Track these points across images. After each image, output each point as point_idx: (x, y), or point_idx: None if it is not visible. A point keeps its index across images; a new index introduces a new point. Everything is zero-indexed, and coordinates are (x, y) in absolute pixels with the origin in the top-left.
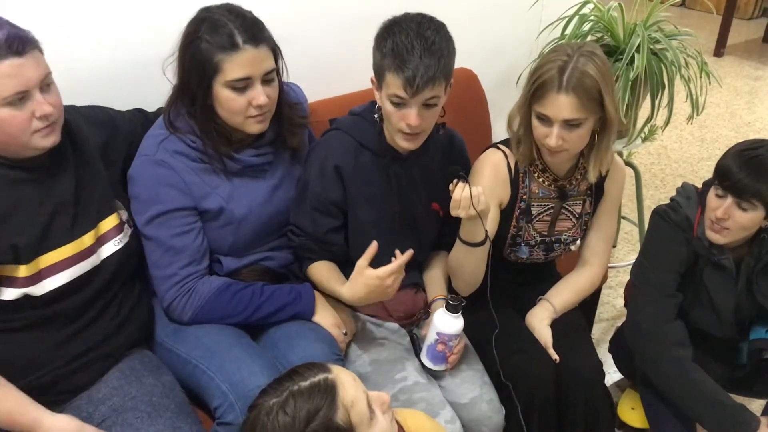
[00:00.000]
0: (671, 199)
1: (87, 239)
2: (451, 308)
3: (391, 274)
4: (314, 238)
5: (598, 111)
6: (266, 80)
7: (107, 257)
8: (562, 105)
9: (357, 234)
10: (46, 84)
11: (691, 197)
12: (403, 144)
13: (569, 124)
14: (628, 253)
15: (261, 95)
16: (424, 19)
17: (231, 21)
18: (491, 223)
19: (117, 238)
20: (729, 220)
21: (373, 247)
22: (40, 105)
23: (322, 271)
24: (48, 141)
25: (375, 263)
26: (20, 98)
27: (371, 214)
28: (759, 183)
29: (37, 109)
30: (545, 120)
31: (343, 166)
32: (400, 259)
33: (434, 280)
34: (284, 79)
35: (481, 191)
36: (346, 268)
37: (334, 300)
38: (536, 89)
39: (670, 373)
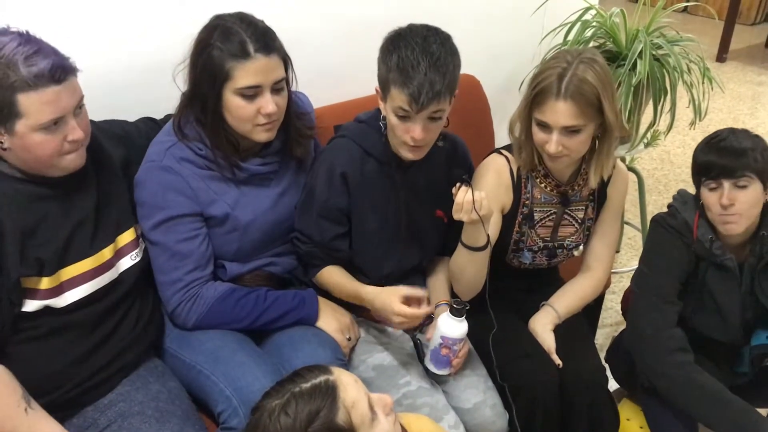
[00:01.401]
0: (669, 206)
1: (106, 253)
2: (455, 312)
3: (414, 317)
4: (320, 245)
5: (598, 117)
6: (276, 89)
7: (125, 271)
8: (560, 112)
9: (361, 241)
10: (78, 108)
11: (687, 201)
12: (407, 155)
13: (568, 131)
14: (631, 258)
15: (270, 104)
16: (430, 32)
17: (243, 29)
18: (493, 228)
19: (134, 252)
20: (735, 205)
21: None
22: (73, 130)
23: (335, 276)
24: (74, 164)
25: (378, 268)
26: (54, 123)
27: (376, 222)
28: (742, 158)
29: (69, 134)
30: (545, 126)
31: (349, 173)
32: (424, 310)
33: (437, 285)
34: (292, 87)
35: (484, 195)
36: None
37: (338, 305)
38: (535, 96)
39: (674, 378)
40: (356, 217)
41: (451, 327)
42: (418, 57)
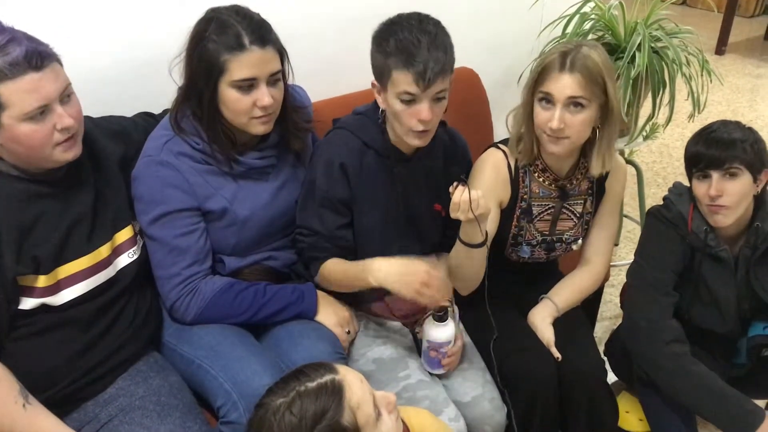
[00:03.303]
0: (664, 198)
1: (104, 251)
2: (437, 318)
3: (438, 284)
4: (324, 236)
5: (601, 96)
6: (271, 81)
7: (122, 268)
8: (565, 83)
9: (362, 235)
10: (66, 95)
11: (683, 194)
12: (414, 142)
13: (572, 106)
14: (630, 251)
15: (266, 96)
16: (422, 16)
17: (238, 22)
18: (491, 223)
19: (131, 250)
20: (724, 196)
21: None
22: (61, 118)
23: (338, 263)
24: (69, 154)
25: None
26: (41, 112)
27: (375, 215)
28: (730, 149)
29: (58, 122)
30: (548, 102)
31: (348, 164)
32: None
33: None
34: (289, 80)
35: (481, 195)
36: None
37: (337, 299)
38: (539, 74)
39: (670, 369)
40: (356, 209)
41: (435, 331)
42: (418, 36)
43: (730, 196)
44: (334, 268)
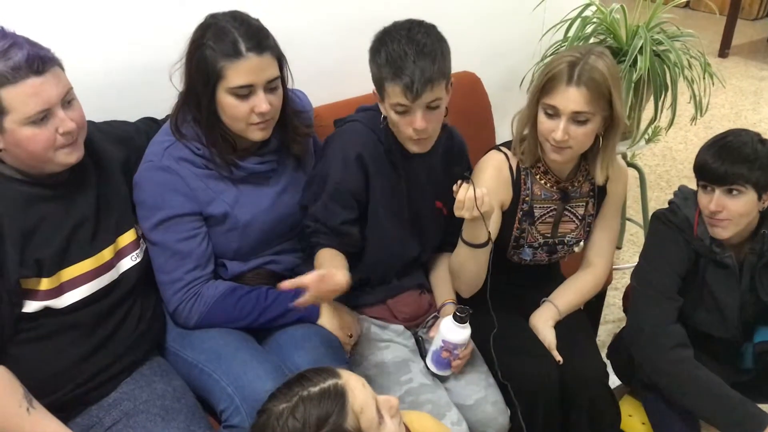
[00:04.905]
0: (669, 203)
1: (106, 254)
2: (459, 319)
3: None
4: (329, 228)
5: (606, 109)
6: (269, 88)
7: (125, 271)
8: (571, 97)
9: (372, 227)
10: (67, 101)
11: (688, 198)
12: (414, 148)
13: (576, 120)
14: (633, 254)
15: (263, 103)
16: (413, 24)
17: (236, 28)
18: (493, 225)
19: (134, 253)
20: (724, 212)
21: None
22: (63, 121)
23: (320, 258)
24: (72, 157)
25: (381, 258)
26: (43, 116)
27: (386, 208)
28: (736, 166)
29: (60, 126)
30: (553, 113)
31: (365, 154)
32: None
33: (441, 283)
34: (288, 85)
35: (486, 192)
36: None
37: (339, 303)
38: (546, 83)
39: (674, 373)
40: (372, 200)
41: (453, 332)
42: (404, 47)
43: (730, 212)
44: (316, 261)
